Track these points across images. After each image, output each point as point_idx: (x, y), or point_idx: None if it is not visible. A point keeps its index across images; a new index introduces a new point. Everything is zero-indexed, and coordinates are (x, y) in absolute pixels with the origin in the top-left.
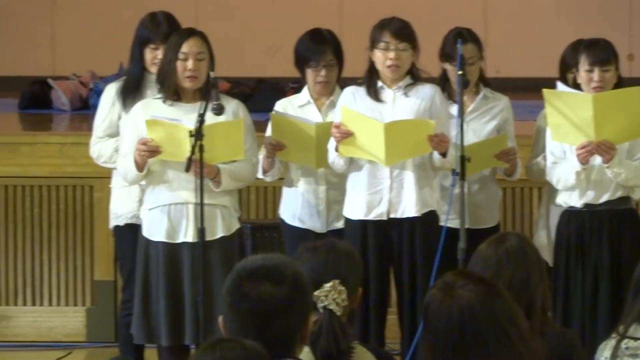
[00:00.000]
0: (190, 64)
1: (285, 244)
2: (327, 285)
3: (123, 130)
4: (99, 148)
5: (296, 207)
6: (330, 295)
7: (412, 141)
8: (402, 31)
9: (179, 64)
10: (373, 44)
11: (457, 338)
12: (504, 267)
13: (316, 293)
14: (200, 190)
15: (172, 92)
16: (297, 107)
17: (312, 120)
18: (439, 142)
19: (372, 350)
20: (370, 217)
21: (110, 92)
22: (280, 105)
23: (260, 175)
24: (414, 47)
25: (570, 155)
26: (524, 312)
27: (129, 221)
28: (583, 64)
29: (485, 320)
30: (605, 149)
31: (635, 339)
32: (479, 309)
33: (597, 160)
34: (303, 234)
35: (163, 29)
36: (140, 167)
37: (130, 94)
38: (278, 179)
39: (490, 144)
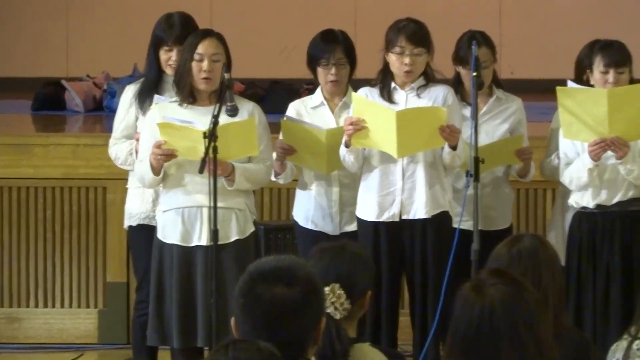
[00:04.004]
0: (205, 65)
1: (299, 246)
2: (326, 289)
3: (140, 132)
4: (116, 150)
5: (309, 209)
6: (328, 299)
7: (424, 132)
8: (417, 35)
9: (194, 64)
10: (388, 47)
11: (474, 336)
12: (515, 266)
13: None
14: (214, 191)
15: (188, 94)
16: (310, 108)
17: (322, 127)
18: (450, 133)
19: (384, 350)
20: (383, 218)
21: (128, 94)
22: (293, 107)
23: (273, 178)
24: (429, 50)
25: (583, 154)
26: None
27: (142, 222)
28: (598, 66)
29: (503, 322)
30: (619, 145)
31: None
32: (499, 310)
33: (609, 159)
34: (316, 236)
35: (176, 30)
36: (156, 170)
37: (147, 96)
38: (292, 180)
39: (505, 144)
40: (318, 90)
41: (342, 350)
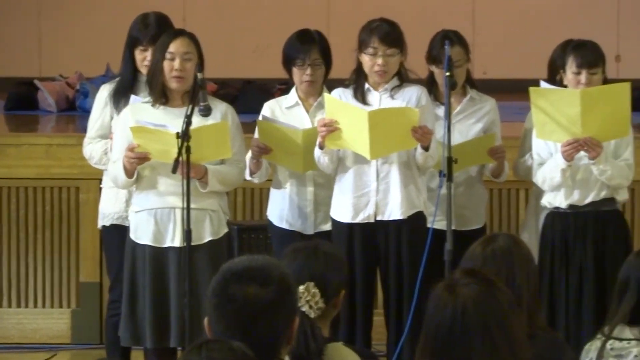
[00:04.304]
0: (176, 63)
1: (273, 245)
2: (301, 288)
3: (114, 133)
4: (90, 149)
5: (283, 208)
6: (303, 297)
7: (397, 133)
8: (390, 36)
9: (165, 63)
10: (361, 47)
11: (446, 336)
12: (489, 266)
13: None
14: (187, 192)
15: (159, 94)
16: (285, 108)
17: (298, 127)
18: (423, 134)
19: (357, 350)
20: (357, 220)
21: (103, 94)
22: (268, 107)
23: (247, 176)
24: (402, 50)
25: (556, 154)
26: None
27: (115, 222)
28: (570, 66)
29: (475, 322)
30: (592, 145)
31: (621, 339)
32: (471, 310)
33: (582, 160)
34: (290, 236)
35: (152, 30)
36: (129, 173)
37: (122, 95)
38: (266, 180)
39: (478, 143)
40: (293, 90)
41: (317, 349)
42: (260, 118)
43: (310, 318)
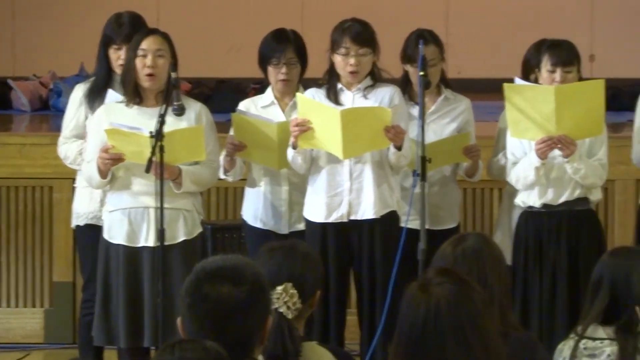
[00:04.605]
0: (148, 60)
1: (248, 245)
2: (279, 288)
3: (88, 133)
4: (65, 149)
5: (258, 208)
6: (281, 298)
7: (369, 132)
8: (362, 36)
9: (138, 61)
10: (333, 47)
11: (420, 335)
12: (460, 266)
13: None
14: (161, 191)
15: (133, 92)
16: (260, 107)
17: (273, 120)
18: (395, 133)
19: (331, 349)
20: (331, 219)
21: (78, 93)
22: (244, 106)
23: (222, 175)
24: (374, 50)
25: (530, 152)
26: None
27: (89, 221)
28: (545, 64)
29: (449, 321)
30: (566, 143)
31: (594, 339)
32: (445, 309)
33: (556, 159)
34: (265, 235)
35: (125, 29)
36: (103, 174)
37: (97, 95)
38: (240, 179)
39: (452, 141)
40: (269, 90)
41: (294, 349)
42: (235, 112)
43: (288, 319)
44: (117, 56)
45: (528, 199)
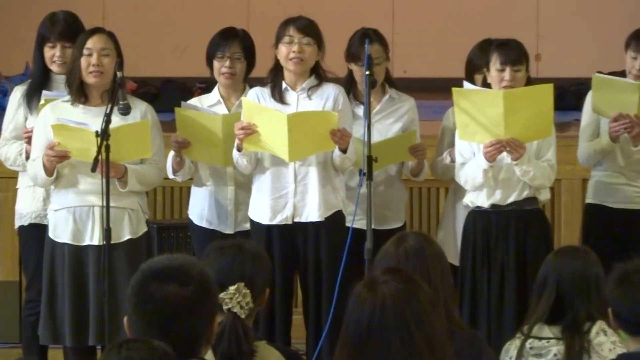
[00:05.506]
0: (93, 58)
1: (194, 244)
2: (232, 288)
3: (33, 131)
4: (6, 151)
5: (204, 207)
6: (234, 298)
7: (315, 135)
8: (307, 27)
9: (83, 60)
10: (278, 39)
11: (365, 333)
12: (403, 265)
13: (221, 295)
14: (107, 190)
15: (78, 91)
16: (207, 107)
17: (218, 112)
18: (341, 137)
19: (280, 349)
20: (275, 221)
21: (17, 95)
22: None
23: (170, 175)
24: (319, 44)
25: (478, 154)
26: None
27: (33, 221)
28: (494, 63)
29: (394, 319)
30: (514, 146)
31: (540, 338)
32: (390, 306)
33: (505, 160)
34: (211, 235)
35: (59, 27)
36: (49, 171)
37: (34, 95)
38: (189, 178)
39: (398, 140)
40: (215, 89)
41: (249, 349)
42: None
43: (242, 318)
44: (52, 54)
45: (477, 199)
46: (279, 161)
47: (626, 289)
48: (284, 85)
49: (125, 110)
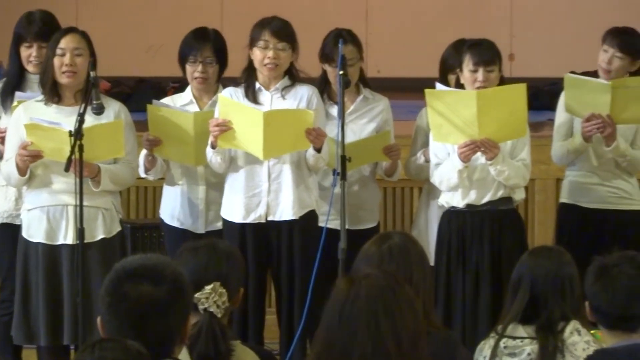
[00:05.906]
0: (66, 58)
1: (166, 244)
2: (208, 288)
3: (6, 131)
4: None
5: (175, 207)
6: (211, 298)
7: (291, 134)
8: (282, 30)
9: (56, 59)
10: (252, 42)
11: (337, 321)
12: (386, 264)
13: (197, 295)
14: (80, 190)
15: (51, 91)
16: (179, 106)
17: (190, 110)
18: (317, 136)
19: (254, 349)
20: (249, 220)
21: None
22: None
23: (142, 174)
24: (293, 47)
25: (453, 155)
26: None
27: (5, 220)
28: (467, 64)
29: (365, 307)
30: (488, 146)
31: (514, 338)
32: (363, 295)
33: (479, 160)
34: (182, 234)
35: (36, 26)
36: (22, 171)
37: (9, 94)
38: (160, 178)
39: (373, 141)
40: (188, 89)
41: (227, 349)
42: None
43: (218, 318)
44: (28, 54)
45: (452, 199)
46: (253, 159)
47: (605, 282)
48: (257, 85)
49: (99, 110)
